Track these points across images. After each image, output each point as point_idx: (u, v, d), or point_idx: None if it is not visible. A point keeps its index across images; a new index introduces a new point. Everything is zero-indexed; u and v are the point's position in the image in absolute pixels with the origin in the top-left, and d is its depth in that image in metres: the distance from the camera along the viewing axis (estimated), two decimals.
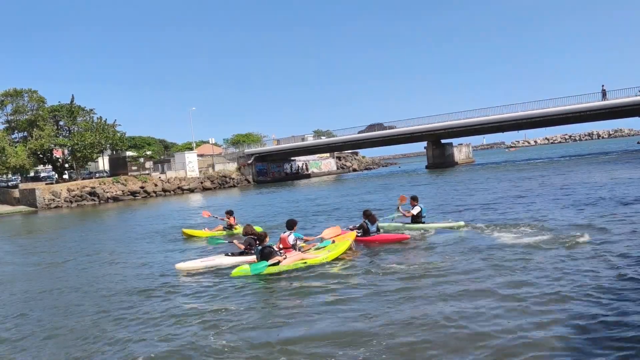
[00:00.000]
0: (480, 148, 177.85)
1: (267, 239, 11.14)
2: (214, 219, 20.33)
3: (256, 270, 10.45)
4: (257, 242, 11.33)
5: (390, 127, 67.21)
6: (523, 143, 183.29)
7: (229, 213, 18.80)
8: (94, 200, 53.77)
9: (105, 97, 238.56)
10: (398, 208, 15.03)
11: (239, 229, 17.79)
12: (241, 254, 12.22)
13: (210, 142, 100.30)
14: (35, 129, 58.94)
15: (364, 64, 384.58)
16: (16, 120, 60.74)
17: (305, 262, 10.87)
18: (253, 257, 11.31)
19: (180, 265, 11.77)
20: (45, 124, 59.29)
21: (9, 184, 66.01)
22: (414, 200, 14.86)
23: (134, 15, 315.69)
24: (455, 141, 73.59)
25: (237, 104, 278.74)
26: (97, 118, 62.70)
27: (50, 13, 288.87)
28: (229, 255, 12.18)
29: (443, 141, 67.77)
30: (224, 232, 18.07)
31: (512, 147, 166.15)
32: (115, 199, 54.68)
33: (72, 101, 62.10)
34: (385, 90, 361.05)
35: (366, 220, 13.31)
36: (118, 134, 63.61)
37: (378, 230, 13.41)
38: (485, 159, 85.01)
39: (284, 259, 10.79)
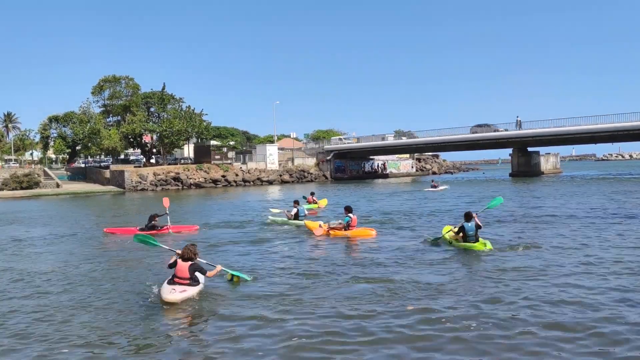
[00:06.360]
0: (569, 159, 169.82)
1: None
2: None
3: None
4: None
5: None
6: (617, 156, 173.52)
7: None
8: (177, 186, 55.79)
9: (193, 87, 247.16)
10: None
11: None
12: None
13: (292, 136, 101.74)
14: (128, 114, 62.09)
15: (456, 66, 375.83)
16: (112, 104, 64.26)
17: None
18: None
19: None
20: (138, 110, 62.25)
21: (101, 164, 70.02)
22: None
23: (223, 11, 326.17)
24: (542, 150, 70.71)
25: (320, 101, 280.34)
26: (186, 107, 65.08)
27: (144, 6, 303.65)
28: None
29: (530, 149, 65.20)
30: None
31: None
32: (198, 185, 56.47)
33: (163, 89, 64.79)
34: (475, 94, 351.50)
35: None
36: (204, 123, 65.62)
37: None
38: (572, 171, 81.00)
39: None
